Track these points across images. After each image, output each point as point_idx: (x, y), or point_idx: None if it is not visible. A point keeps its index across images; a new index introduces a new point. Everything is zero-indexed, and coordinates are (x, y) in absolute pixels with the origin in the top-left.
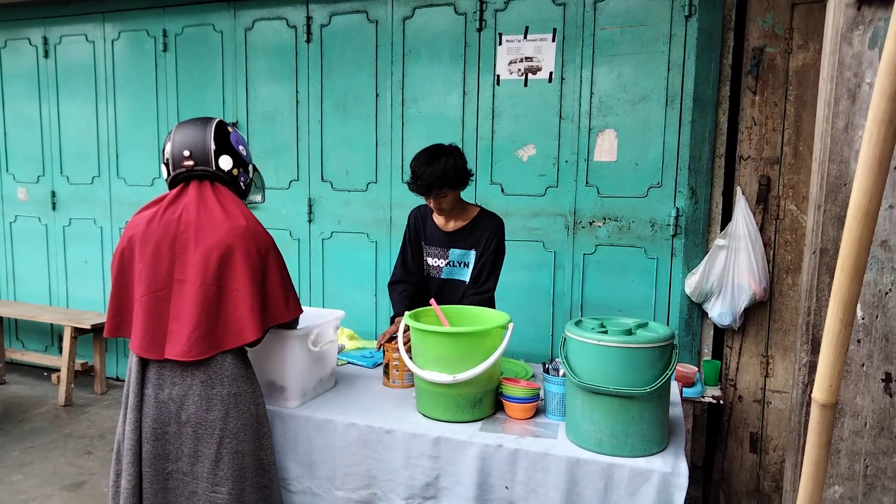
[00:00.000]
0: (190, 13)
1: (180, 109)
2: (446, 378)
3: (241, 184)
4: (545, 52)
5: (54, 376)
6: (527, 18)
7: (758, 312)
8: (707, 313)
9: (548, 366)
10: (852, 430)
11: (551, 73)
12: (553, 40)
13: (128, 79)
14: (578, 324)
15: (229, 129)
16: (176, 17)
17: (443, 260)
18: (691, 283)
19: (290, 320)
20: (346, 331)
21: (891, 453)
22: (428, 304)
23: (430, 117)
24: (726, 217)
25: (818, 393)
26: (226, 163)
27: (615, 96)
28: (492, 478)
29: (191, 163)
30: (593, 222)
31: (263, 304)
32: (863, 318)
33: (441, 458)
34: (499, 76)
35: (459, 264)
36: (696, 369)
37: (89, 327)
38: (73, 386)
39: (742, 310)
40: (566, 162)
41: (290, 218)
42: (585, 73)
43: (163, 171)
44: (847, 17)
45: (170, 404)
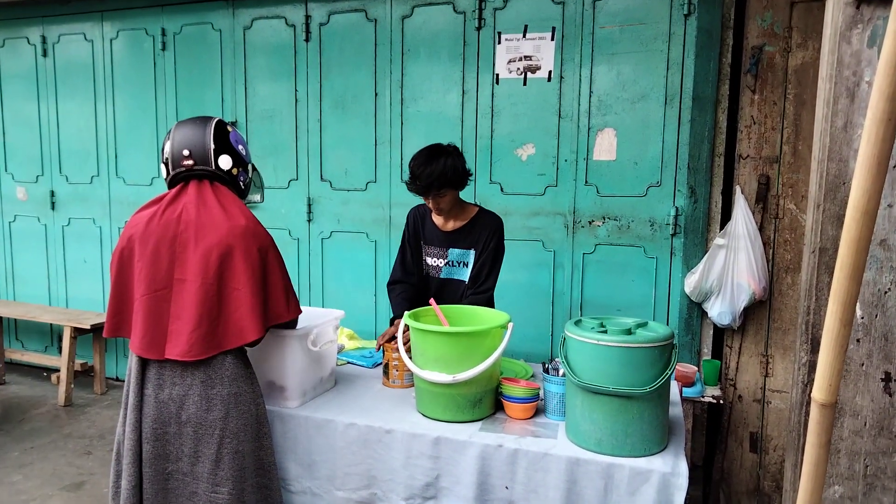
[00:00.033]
0: (188, 12)
1: (179, 108)
2: (446, 378)
3: (241, 183)
4: (544, 51)
5: (54, 376)
6: (526, 17)
7: (757, 312)
8: (707, 313)
9: (547, 365)
10: (852, 429)
11: (550, 72)
12: (552, 39)
13: (126, 78)
14: (578, 323)
15: (229, 128)
16: (174, 16)
17: (442, 260)
18: (691, 282)
19: (290, 320)
20: (346, 331)
21: (890, 453)
22: (427, 304)
23: (429, 116)
24: (726, 216)
25: (818, 392)
26: (225, 162)
27: (614, 95)
28: (492, 478)
29: (190, 162)
30: (593, 221)
31: (264, 304)
32: (862, 318)
33: (441, 458)
34: (498, 75)
35: (458, 264)
36: (696, 369)
37: (89, 327)
38: (72, 386)
39: (741, 309)
40: (565, 161)
41: (289, 217)
42: (584, 71)
43: (162, 171)
44: (846, 15)
45: (170, 404)
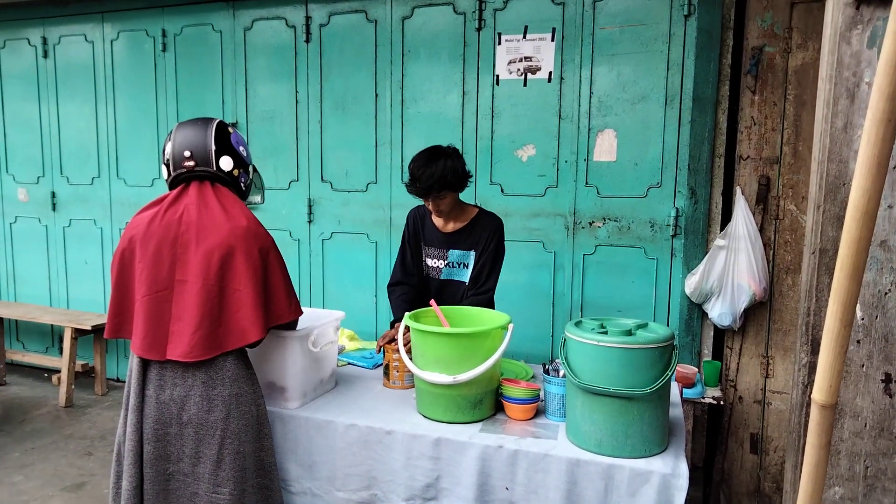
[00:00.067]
0: (189, 13)
1: (180, 110)
2: (446, 379)
3: (242, 184)
4: (544, 52)
5: (55, 377)
6: (526, 18)
7: (758, 313)
8: (707, 314)
9: (548, 366)
10: (852, 430)
11: (550, 73)
12: (552, 40)
13: (127, 79)
14: (578, 324)
15: (230, 129)
16: (175, 17)
17: (442, 261)
18: (691, 283)
19: (290, 321)
20: (347, 331)
21: (891, 454)
22: (427, 306)
23: (429, 117)
24: (726, 217)
25: (818, 394)
26: (226, 163)
27: (614, 96)
28: (492, 479)
29: (191, 163)
30: (593, 222)
31: (265, 304)
32: (862, 319)
33: (441, 459)
34: (498, 76)
35: (459, 265)
36: (697, 370)
37: (90, 328)
38: (73, 387)
39: (742, 310)
40: (566, 162)
41: (289, 218)
42: (585, 72)
43: (163, 172)
44: (846, 16)
45: (171, 405)
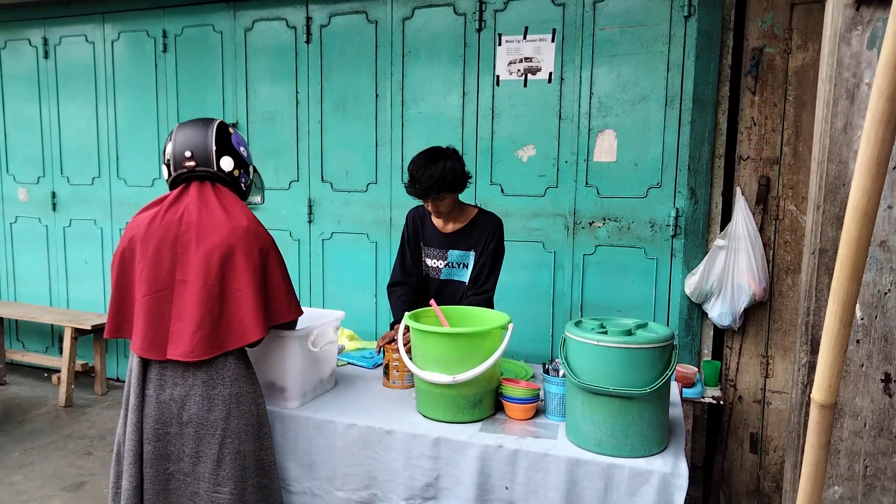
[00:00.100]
0: (189, 14)
1: (180, 110)
2: (446, 379)
3: (242, 185)
4: (545, 53)
5: (55, 377)
6: (526, 19)
7: (757, 313)
8: (707, 314)
9: (548, 366)
10: (852, 430)
11: (551, 74)
12: (552, 41)
13: (128, 79)
14: (578, 324)
15: (230, 130)
16: (175, 18)
17: (441, 261)
18: (691, 283)
19: (290, 320)
20: (346, 331)
21: (890, 454)
22: (427, 306)
23: (429, 118)
24: (726, 217)
25: (817, 393)
26: (227, 164)
27: (615, 97)
28: (492, 478)
29: (192, 163)
30: (593, 223)
31: (266, 304)
32: (862, 319)
33: (441, 459)
34: (498, 77)
35: (458, 265)
36: (696, 370)
37: (90, 328)
38: (73, 387)
39: (742, 310)
40: (566, 162)
41: (290, 218)
42: (585, 73)
43: (164, 172)
44: (846, 17)
45: (171, 405)
